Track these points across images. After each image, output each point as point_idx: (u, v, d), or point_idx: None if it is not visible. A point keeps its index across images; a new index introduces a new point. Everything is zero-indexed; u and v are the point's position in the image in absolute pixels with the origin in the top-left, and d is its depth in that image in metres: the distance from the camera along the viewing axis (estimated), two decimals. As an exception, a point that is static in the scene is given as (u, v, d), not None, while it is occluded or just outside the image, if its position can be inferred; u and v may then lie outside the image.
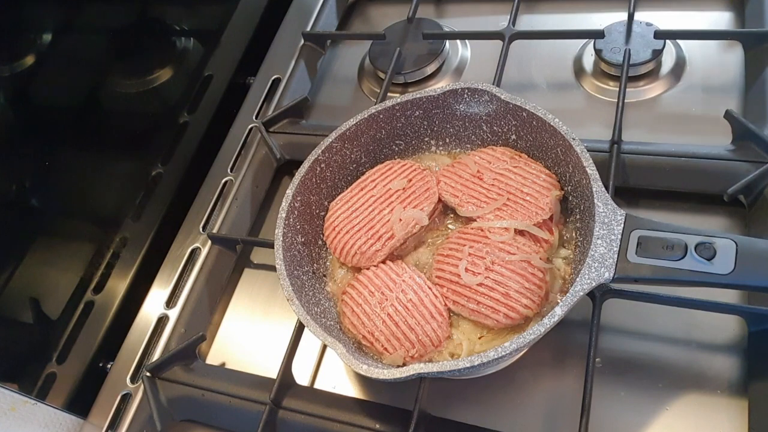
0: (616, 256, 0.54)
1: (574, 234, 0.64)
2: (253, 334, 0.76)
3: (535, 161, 0.67)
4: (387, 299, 0.62)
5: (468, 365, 0.52)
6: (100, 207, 0.83)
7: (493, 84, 0.68)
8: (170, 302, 0.78)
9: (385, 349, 0.60)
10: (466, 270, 0.61)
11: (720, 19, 0.81)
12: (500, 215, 0.64)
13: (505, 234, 0.62)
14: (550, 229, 0.64)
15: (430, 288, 0.62)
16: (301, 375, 0.69)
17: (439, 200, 0.68)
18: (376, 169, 0.71)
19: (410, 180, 0.69)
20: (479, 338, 0.61)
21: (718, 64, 0.77)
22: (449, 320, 0.61)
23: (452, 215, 0.70)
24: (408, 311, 0.61)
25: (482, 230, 0.64)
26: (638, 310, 0.62)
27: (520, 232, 0.63)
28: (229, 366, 0.74)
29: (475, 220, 0.65)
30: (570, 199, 0.65)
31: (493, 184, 0.66)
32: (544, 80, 0.83)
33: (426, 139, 0.74)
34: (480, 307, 0.60)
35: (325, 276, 0.69)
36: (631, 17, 0.79)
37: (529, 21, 0.89)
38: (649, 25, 0.78)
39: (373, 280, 0.64)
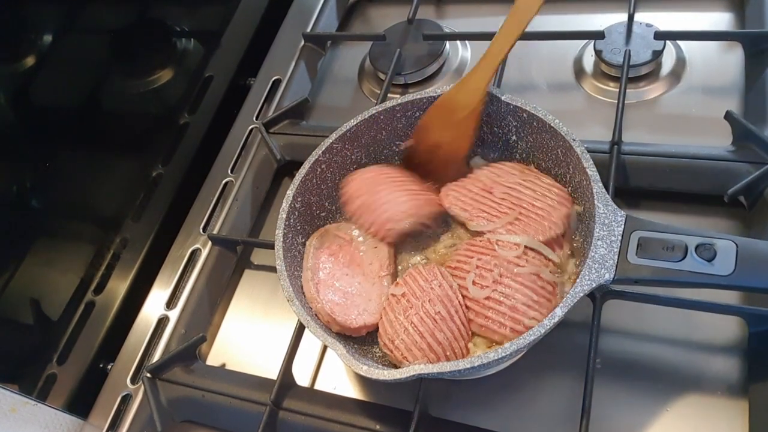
0: (616, 257, 0.54)
1: (576, 237, 0.64)
2: (254, 335, 0.76)
3: (546, 175, 0.66)
4: (412, 307, 0.59)
5: (468, 366, 0.52)
6: (100, 208, 0.83)
7: (493, 85, 0.68)
8: (171, 303, 0.78)
9: (405, 358, 0.58)
10: (474, 283, 0.60)
11: (720, 20, 0.81)
12: (512, 230, 0.62)
13: (515, 249, 0.60)
14: (561, 245, 0.62)
15: (460, 305, 0.59)
16: (302, 376, 0.69)
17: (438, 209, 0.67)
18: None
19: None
20: (488, 348, 0.60)
21: (718, 65, 0.77)
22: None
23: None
24: (436, 324, 0.58)
25: (491, 242, 0.62)
26: (638, 311, 0.62)
27: None
28: (229, 367, 0.74)
29: (485, 234, 0.64)
30: (570, 200, 0.65)
31: (503, 198, 0.64)
32: (545, 81, 0.83)
33: (426, 140, 0.74)
34: (488, 322, 0.58)
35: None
36: (631, 18, 0.79)
37: (530, 22, 0.89)
38: (649, 26, 0.78)
39: (400, 285, 0.62)
